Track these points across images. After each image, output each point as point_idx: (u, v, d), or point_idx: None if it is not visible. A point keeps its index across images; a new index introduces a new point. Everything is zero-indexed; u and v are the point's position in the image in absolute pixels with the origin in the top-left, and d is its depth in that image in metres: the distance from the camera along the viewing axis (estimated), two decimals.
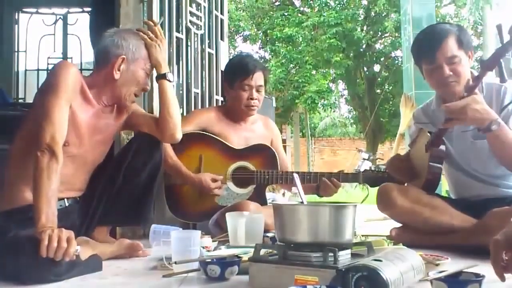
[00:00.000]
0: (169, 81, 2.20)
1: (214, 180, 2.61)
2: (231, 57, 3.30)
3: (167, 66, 2.24)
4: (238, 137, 2.78)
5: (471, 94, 1.98)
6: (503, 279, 1.26)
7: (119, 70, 2.02)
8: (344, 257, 1.34)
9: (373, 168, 2.78)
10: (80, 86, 1.96)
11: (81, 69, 5.52)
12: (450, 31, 2.18)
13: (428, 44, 2.20)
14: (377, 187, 2.44)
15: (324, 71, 16.12)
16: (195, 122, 2.73)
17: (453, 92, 2.17)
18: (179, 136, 2.21)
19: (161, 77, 2.18)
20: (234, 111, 2.80)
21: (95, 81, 2.04)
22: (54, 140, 1.76)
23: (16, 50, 5.91)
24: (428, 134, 2.24)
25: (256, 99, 2.74)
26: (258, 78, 2.74)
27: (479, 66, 2.02)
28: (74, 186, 2.05)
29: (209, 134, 2.72)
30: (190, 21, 3.27)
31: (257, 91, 2.75)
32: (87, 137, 2.01)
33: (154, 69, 2.18)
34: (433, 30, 2.25)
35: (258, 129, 2.90)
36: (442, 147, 2.21)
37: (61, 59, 5.74)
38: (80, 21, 6.04)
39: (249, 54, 3.42)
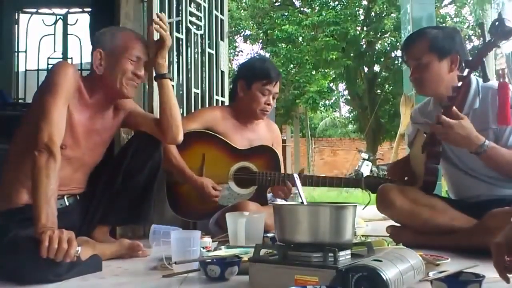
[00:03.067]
0: (171, 79, 2.19)
1: (215, 188, 2.61)
2: (238, 58, 3.31)
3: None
4: (242, 137, 2.78)
5: (458, 95, 2.01)
6: (507, 280, 1.27)
7: (100, 65, 2.01)
8: (344, 257, 1.34)
9: (373, 169, 2.80)
10: (78, 87, 1.96)
11: (81, 69, 5.53)
12: (425, 35, 2.22)
13: (404, 46, 2.33)
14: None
15: (324, 71, 16.13)
16: (200, 120, 2.73)
17: (422, 93, 2.31)
18: (181, 138, 2.21)
19: (163, 76, 2.16)
20: (244, 111, 2.80)
21: (91, 81, 2.03)
22: (52, 139, 1.76)
23: (16, 50, 5.91)
24: (424, 134, 2.25)
25: (271, 105, 2.77)
26: (277, 86, 2.78)
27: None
28: (73, 186, 2.05)
29: (213, 133, 2.72)
30: (190, 21, 3.27)
31: (273, 98, 2.78)
32: (84, 139, 2.00)
33: (154, 68, 2.17)
34: (412, 34, 2.36)
35: (261, 130, 2.90)
36: (439, 147, 2.22)
37: (61, 59, 5.74)
38: (80, 21, 6.04)
39: (268, 59, 3.46)
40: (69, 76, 1.90)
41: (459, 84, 2.02)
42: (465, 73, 2.01)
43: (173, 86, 3.08)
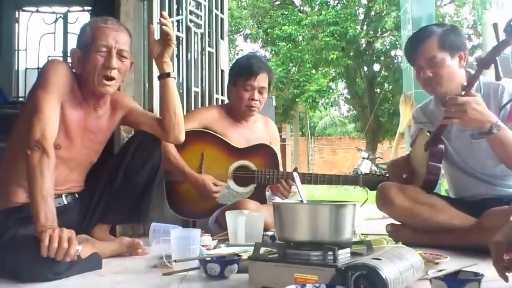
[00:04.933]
0: (174, 78, 2.18)
1: (216, 184, 2.62)
2: (238, 57, 3.31)
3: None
4: (239, 136, 2.78)
5: (468, 92, 1.98)
6: (506, 279, 1.27)
7: (78, 64, 1.99)
8: (344, 256, 1.34)
9: (373, 168, 2.81)
10: (71, 85, 1.95)
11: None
12: (433, 33, 2.20)
13: (411, 46, 2.26)
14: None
15: (324, 70, 16.13)
16: (198, 119, 2.74)
17: (435, 93, 2.25)
18: (183, 137, 2.21)
19: (167, 75, 2.15)
20: (235, 110, 2.81)
21: (81, 82, 2.02)
22: (44, 136, 1.75)
23: (16, 48, 5.90)
24: (427, 133, 2.25)
25: (257, 100, 2.74)
26: (261, 80, 2.74)
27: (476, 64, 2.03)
28: (70, 186, 2.05)
29: (211, 132, 2.73)
30: (190, 20, 3.27)
31: (259, 92, 2.74)
32: (79, 139, 2.00)
33: (159, 67, 2.16)
34: (417, 33, 2.30)
35: (258, 128, 2.90)
36: (441, 146, 2.22)
37: (62, 58, 5.75)
38: (81, 20, 6.01)
39: (256, 55, 3.43)
40: (61, 73, 1.89)
41: (468, 82, 2.00)
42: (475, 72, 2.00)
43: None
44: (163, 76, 2.16)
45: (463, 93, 1.95)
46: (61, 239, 1.54)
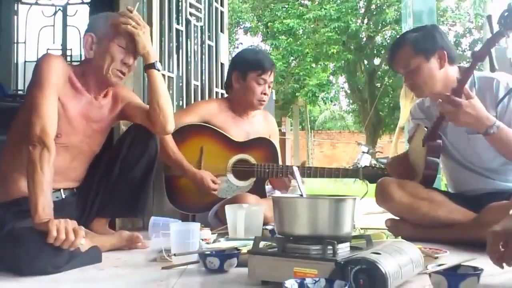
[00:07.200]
0: (158, 70, 2.12)
1: (214, 181, 2.61)
2: (237, 50, 3.30)
3: (156, 55, 2.18)
4: (239, 129, 2.77)
5: (462, 87, 1.98)
6: (501, 266, 1.27)
7: (91, 49, 1.99)
8: (343, 250, 1.34)
9: (373, 162, 2.80)
10: (68, 77, 1.95)
11: (80, 61, 5.50)
12: (405, 41, 2.23)
13: (390, 56, 2.33)
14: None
15: (324, 64, 16.11)
16: (197, 113, 2.73)
17: (421, 96, 2.33)
18: (170, 128, 2.16)
19: (150, 66, 2.10)
20: (240, 103, 2.78)
21: (82, 68, 2.03)
22: (45, 132, 1.76)
23: (15, 41, 5.89)
24: (425, 129, 2.25)
25: (268, 94, 2.76)
26: (272, 75, 2.77)
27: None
28: (71, 177, 2.05)
29: (211, 126, 2.72)
30: (190, 13, 3.26)
31: (269, 87, 2.76)
32: (81, 127, 2.00)
33: (143, 58, 2.12)
34: (394, 42, 2.36)
35: (258, 122, 2.89)
36: (439, 141, 2.22)
37: (60, 51, 5.74)
38: (80, 12, 6.01)
39: (262, 50, 3.43)
40: (55, 68, 1.89)
41: (463, 76, 2.00)
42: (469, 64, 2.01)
43: (172, 78, 3.08)
44: (146, 67, 2.11)
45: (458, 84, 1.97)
46: (67, 230, 1.56)
